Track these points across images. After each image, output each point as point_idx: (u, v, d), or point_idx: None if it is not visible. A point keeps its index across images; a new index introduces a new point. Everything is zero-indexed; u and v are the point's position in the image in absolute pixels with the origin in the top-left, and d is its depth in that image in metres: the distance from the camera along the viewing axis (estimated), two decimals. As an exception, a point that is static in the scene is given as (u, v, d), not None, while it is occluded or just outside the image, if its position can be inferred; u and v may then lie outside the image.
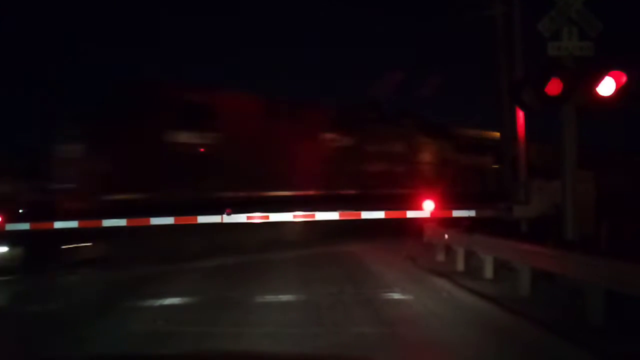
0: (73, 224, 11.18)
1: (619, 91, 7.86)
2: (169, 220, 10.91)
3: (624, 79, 7.84)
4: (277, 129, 15.90)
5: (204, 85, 17.17)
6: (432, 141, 21.75)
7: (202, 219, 10.77)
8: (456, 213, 10.77)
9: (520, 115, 12.29)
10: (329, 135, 18.34)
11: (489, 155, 20.14)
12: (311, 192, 15.79)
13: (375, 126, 19.69)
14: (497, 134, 14.99)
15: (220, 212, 10.47)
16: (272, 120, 16.02)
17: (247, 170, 14.68)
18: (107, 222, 10.95)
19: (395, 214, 10.97)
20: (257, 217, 10.87)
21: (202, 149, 14.88)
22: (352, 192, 17.02)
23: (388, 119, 20.58)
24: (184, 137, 14.51)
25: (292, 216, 11.16)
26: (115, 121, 13.24)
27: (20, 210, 13.58)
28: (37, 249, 11.55)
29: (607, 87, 7.90)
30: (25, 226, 11.22)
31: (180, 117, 14.20)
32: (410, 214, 10.96)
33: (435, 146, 21.94)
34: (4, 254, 12.05)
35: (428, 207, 10.50)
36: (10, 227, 11.17)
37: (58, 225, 11.10)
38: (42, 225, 11.13)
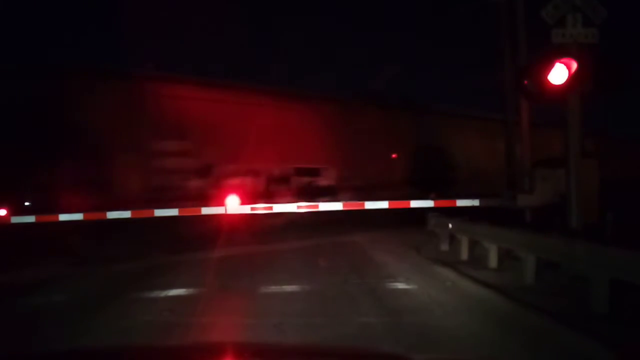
0: (78, 216, 11.23)
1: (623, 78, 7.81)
2: (173, 212, 10.99)
3: (626, 66, 7.79)
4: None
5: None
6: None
7: (206, 211, 10.85)
8: (460, 202, 10.77)
9: (524, 101, 12.19)
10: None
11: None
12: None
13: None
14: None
15: None
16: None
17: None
18: (111, 215, 11.01)
19: (398, 204, 10.99)
20: (260, 208, 10.94)
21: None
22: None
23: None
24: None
25: (295, 207, 11.23)
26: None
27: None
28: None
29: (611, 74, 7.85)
30: (30, 219, 11.28)
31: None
32: (414, 203, 10.98)
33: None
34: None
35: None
36: (15, 219, 11.24)
37: (63, 217, 11.15)
38: (47, 218, 11.18)
